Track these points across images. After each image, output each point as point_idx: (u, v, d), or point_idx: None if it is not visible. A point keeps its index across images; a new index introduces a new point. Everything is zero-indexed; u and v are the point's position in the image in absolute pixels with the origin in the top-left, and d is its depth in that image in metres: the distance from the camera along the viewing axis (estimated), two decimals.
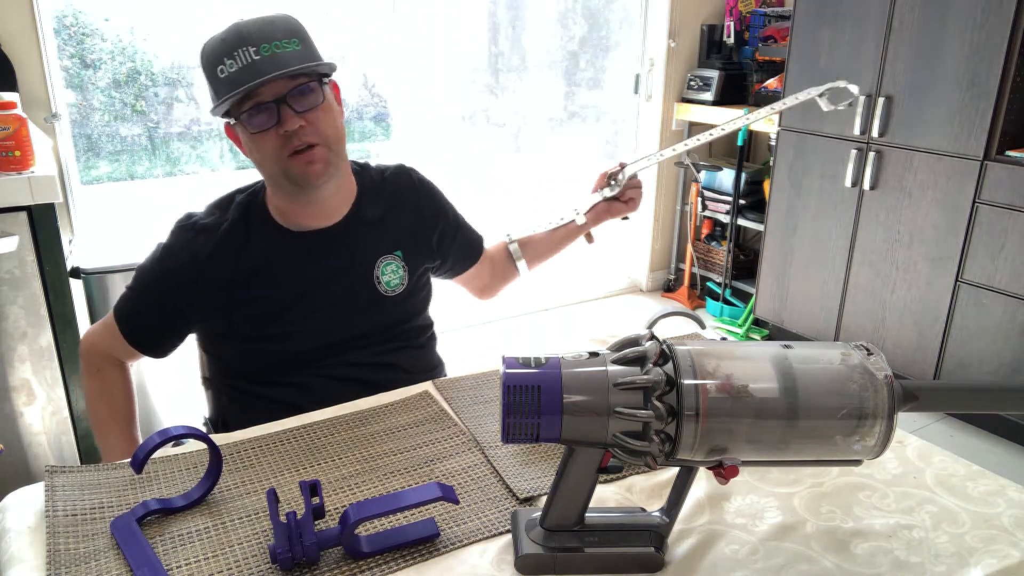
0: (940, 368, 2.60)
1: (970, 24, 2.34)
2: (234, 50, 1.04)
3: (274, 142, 1.08)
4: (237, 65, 1.04)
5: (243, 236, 1.18)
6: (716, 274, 3.72)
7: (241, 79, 1.03)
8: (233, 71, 1.04)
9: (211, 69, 1.07)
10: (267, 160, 1.10)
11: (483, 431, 1.02)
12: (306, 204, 1.17)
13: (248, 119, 1.07)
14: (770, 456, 0.73)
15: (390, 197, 1.27)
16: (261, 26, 1.07)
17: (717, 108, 3.44)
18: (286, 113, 1.06)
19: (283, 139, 1.07)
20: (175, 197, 2.79)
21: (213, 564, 0.77)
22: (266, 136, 1.07)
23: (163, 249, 1.19)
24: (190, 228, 1.18)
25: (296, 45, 1.08)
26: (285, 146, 1.07)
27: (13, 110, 1.59)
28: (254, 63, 1.03)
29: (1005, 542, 0.82)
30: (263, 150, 1.09)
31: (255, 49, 1.04)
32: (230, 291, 1.17)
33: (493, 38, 3.36)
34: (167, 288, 1.18)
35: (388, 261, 1.24)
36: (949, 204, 2.49)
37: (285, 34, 1.07)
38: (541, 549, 0.77)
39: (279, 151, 1.08)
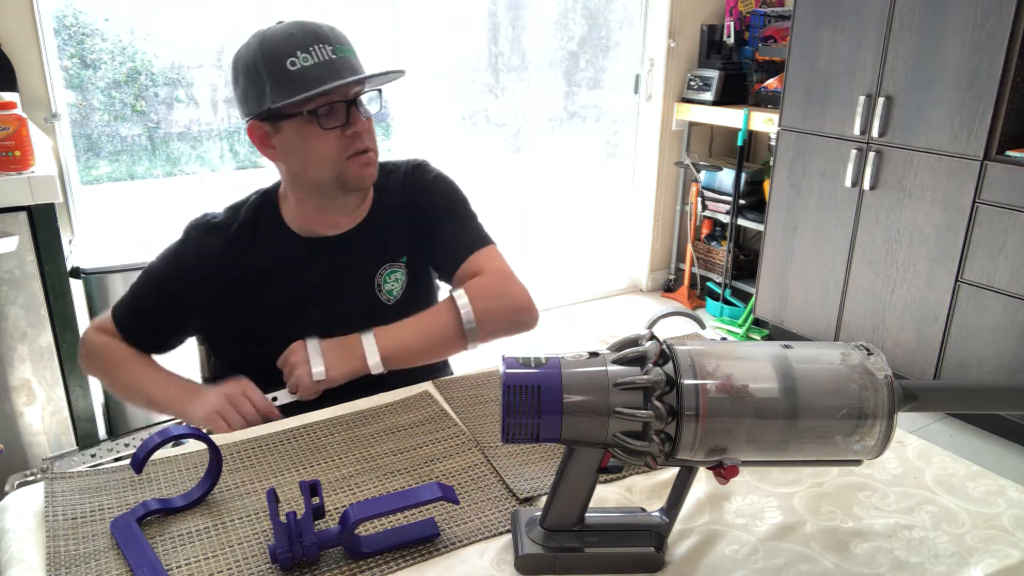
0: (940, 368, 2.60)
1: (970, 24, 2.34)
2: (310, 46, 1.03)
3: (337, 143, 1.07)
4: (313, 60, 1.03)
5: (250, 238, 1.18)
6: (716, 274, 3.72)
7: (322, 74, 1.02)
8: (309, 65, 1.03)
9: (277, 61, 1.03)
10: (322, 160, 1.08)
11: (483, 431, 1.02)
12: (334, 211, 1.17)
13: (321, 116, 1.06)
14: (770, 456, 0.73)
15: (396, 200, 1.25)
16: (330, 29, 1.08)
17: (717, 108, 3.44)
18: (355, 115, 1.07)
19: (346, 140, 1.07)
20: (175, 197, 2.79)
21: (213, 564, 0.77)
22: (330, 136, 1.07)
23: (173, 250, 1.20)
24: (201, 228, 1.19)
25: (355, 54, 1.10)
26: (347, 148, 1.08)
27: (13, 110, 1.59)
28: (332, 61, 1.04)
29: (1005, 542, 0.82)
30: (321, 149, 1.08)
31: (331, 48, 1.05)
32: (232, 292, 1.17)
33: (493, 38, 3.36)
34: (171, 288, 1.18)
35: (392, 269, 1.23)
36: (949, 204, 2.49)
37: (347, 41, 1.09)
38: (541, 549, 0.77)
39: (340, 152, 1.08)
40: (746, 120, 3.29)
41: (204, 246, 1.17)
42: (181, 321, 1.22)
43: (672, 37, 3.54)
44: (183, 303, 1.19)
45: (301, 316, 1.19)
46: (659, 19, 3.54)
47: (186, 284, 1.17)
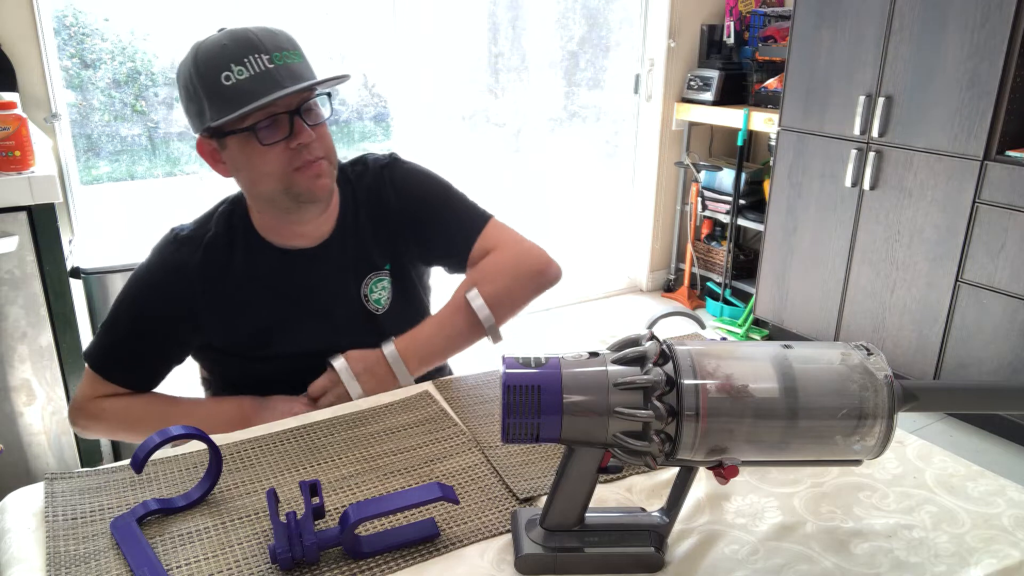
0: (940, 368, 2.60)
1: (970, 24, 2.34)
2: (243, 57, 0.98)
3: (283, 156, 1.02)
4: (248, 72, 0.97)
5: (228, 250, 1.13)
6: (716, 274, 3.72)
7: (256, 87, 0.97)
8: (244, 78, 0.97)
9: (211, 76, 0.98)
10: (269, 175, 1.04)
11: (483, 431, 1.02)
12: (295, 223, 1.12)
13: (260, 131, 1.01)
14: (770, 456, 0.73)
15: (371, 204, 1.20)
16: (268, 34, 1.01)
17: (717, 108, 3.44)
18: (299, 125, 1.02)
19: (292, 153, 1.02)
20: (175, 197, 2.79)
21: (213, 564, 0.77)
22: (275, 149, 1.02)
23: (144, 270, 1.14)
24: (173, 241, 1.13)
25: (300, 57, 1.04)
26: (293, 160, 1.03)
27: (13, 110, 1.59)
28: (268, 72, 0.98)
29: (1005, 542, 0.82)
30: (268, 164, 1.03)
31: (268, 57, 0.99)
32: (216, 306, 1.12)
33: (493, 38, 3.36)
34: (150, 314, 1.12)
35: (378, 278, 1.19)
36: (949, 204, 2.49)
37: (289, 44, 1.03)
38: (541, 549, 0.77)
39: (286, 165, 1.03)
40: (746, 120, 3.29)
41: (179, 261, 1.11)
42: (168, 347, 1.16)
43: (672, 37, 3.54)
44: (166, 328, 1.13)
45: (290, 330, 1.15)
46: (659, 19, 3.54)
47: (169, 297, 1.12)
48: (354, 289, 1.18)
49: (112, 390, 1.15)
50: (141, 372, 1.16)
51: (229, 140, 1.03)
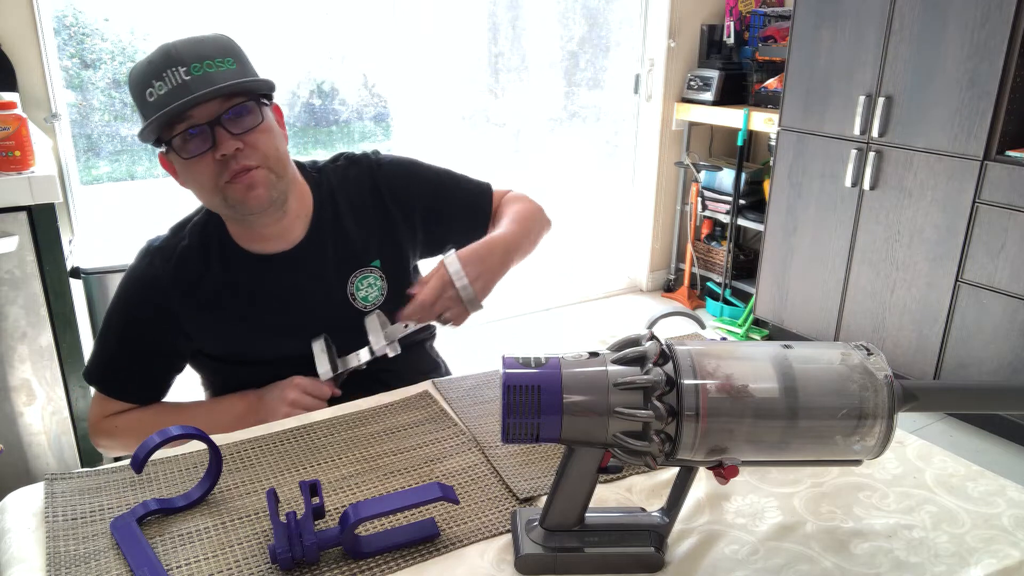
0: (940, 368, 2.60)
1: (970, 24, 2.34)
2: (163, 71, 0.96)
3: (210, 168, 1.00)
4: (167, 87, 0.96)
5: (203, 259, 1.12)
6: (716, 274, 3.72)
7: (171, 101, 0.95)
8: (162, 93, 0.96)
9: (139, 94, 0.99)
10: (204, 189, 1.02)
11: (483, 431, 1.02)
12: (258, 229, 1.11)
13: (181, 144, 0.99)
14: (770, 456, 0.73)
15: (354, 202, 1.19)
16: (191, 45, 0.99)
17: (717, 108, 3.44)
18: (221, 135, 0.98)
19: (220, 165, 0.99)
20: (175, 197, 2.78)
21: (213, 564, 0.77)
22: (201, 162, 0.99)
23: (123, 284, 1.14)
24: (146, 254, 1.13)
25: (231, 64, 1.00)
26: (223, 172, 1.00)
27: (13, 110, 1.59)
28: (184, 83, 0.96)
29: (1005, 542, 0.82)
30: (199, 178, 1.01)
31: (185, 69, 0.96)
32: (197, 315, 1.12)
33: (493, 38, 3.36)
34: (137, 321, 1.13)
35: (364, 275, 1.17)
36: (949, 204, 2.49)
37: (218, 52, 1.00)
38: (541, 549, 0.77)
39: (216, 178, 1.00)
40: (746, 120, 3.29)
41: (152, 276, 1.11)
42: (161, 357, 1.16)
43: (672, 37, 3.54)
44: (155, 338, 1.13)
45: (276, 335, 1.15)
46: (659, 19, 3.54)
47: (148, 321, 1.11)
48: (338, 288, 1.17)
49: (120, 406, 1.16)
50: (141, 384, 1.16)
51: (171, 154, 1.02)
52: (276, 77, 1.09)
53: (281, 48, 2.83)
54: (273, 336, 1.15)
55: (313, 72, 2.99)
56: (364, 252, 1.18)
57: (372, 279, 1.18)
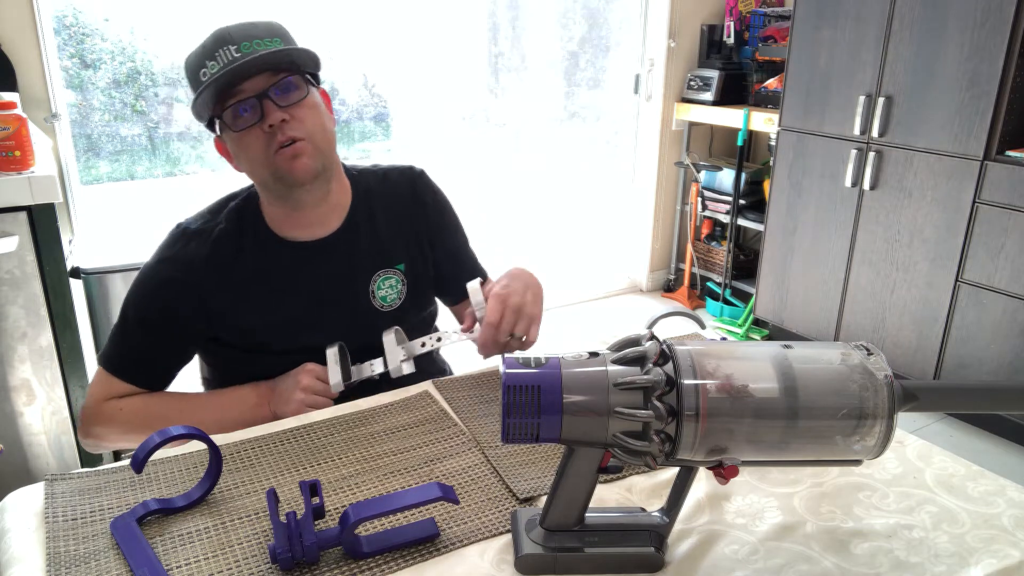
0: (940, 368, 2.60)
1: (970, 24, 2.34)
2: (215, 51, 1.03)
3: (260, 140, 1.05)
4: (219, 65, 1.02)
5: (237, 243, 1.14)
6: (716, 274, 3.72)
7: (222, 77, 1.01)
8: (215, 71, 1.02)
9: (194, 76, 1.05)
10: (254, 161, 1.07)
11: (483, 431, 1.02)
12: (297, 210, 1.14)
13: (232, 118, 1.04)
14: (770, 456, 0.73)
15: (390, 204, 1.23)
16: (243, 28, 1.05)
17: (717, 108, 3.44)
18: (268, 107, 1.03)
19: (268, 136, 1.04)
20: (175, 197, 2.79)
21: (213, 564, 0.77)
22: (251, 134, 1.04)
23: (153, 266, 1.15)
24: (182, 236, 1.15)
25: (278, 43, 1.05)
26: (271, 143, 1.05)
27: (13, 110, 1.59)
28: (234, 60, 1.01)
29: (1005, 542, 0.82)
30: (249, 150, 1.06)
31: (235, 47, 1.02)
32: (226, 299, 1.13)
33: (493, 38, 3.36)
34: (164, 303, 1.13)
35: (387, 275, 1.20)
36: (949, 204, 2.49)
37: (267, 33, 1.05)
38: (541, 549, 0.77)
39: (265, 149, 1.05)
40: (746, 120, 3.29)
41: (188, 256, 1.13)
42: (179, 342, 1.17)
43: (672, 37, 3.54)
44: (178, 323, 1.14)
45: (295, 324, 1.16)
46: (659, 19, 3.54)
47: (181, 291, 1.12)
48: (361, 284, 1.19)
49: (126, 390, 1.15)
50: (155, 370, 1.17)
51: (225, 132, 1.07)
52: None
53: None
54: (291, 325, 1.16)
55: None
56: (392, 253, 1.21)
57: (394, 281, 1.20)
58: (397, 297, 1.22)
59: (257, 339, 1.16)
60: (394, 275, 1.21)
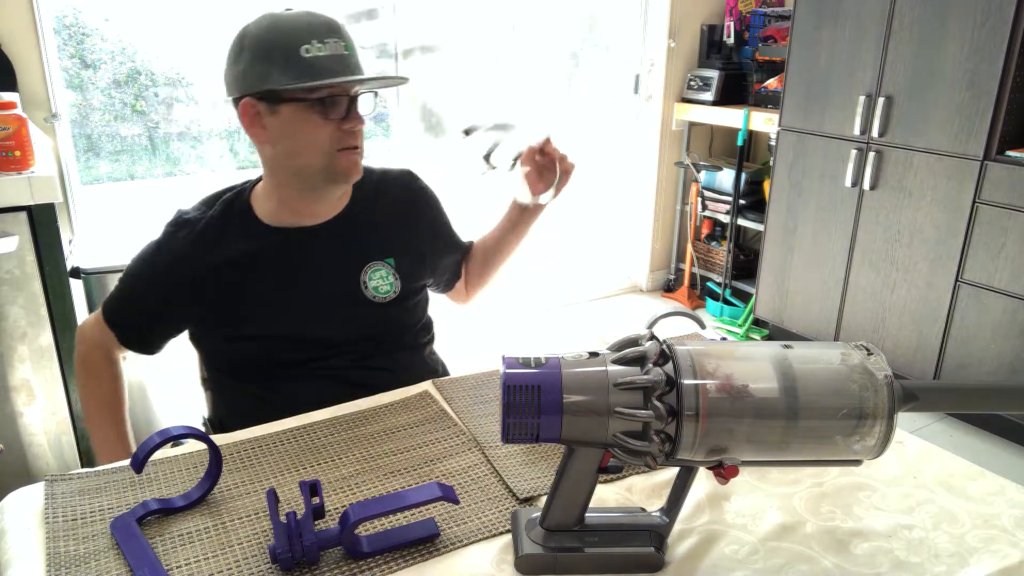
0: (940, 368, 2.60)
1: (970, 24, 2.34)
2: (325, 37, 1.04)
3: (332, 134, 1.08)
4: (327, 51, 1.04)
5: (220, 230, 1.17)
6: (716, 274, 3.72)
7: (336, 68, 1.04)
8: (323, 56, 1.04)
9: (290, 45, 1.04)
10: (314, 148, 1.09)
11: (483, 431, 1.02)
12: (314, 201, 1.18)
13: (321, 104, 1.06)
14: (770, 456, 0.73)
15: (386, 203, 1.26)
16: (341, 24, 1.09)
17: (717, 108, 3.44)
18: (355, 111, 1.09)
19: (341, 134, 1.09)
20: (175, 197, 2.78)
21: (213, 564, 0.77)
22: (328, 126, 1.08)
23: (150, 247, 1.20)
24: (174, 224, 1.19)
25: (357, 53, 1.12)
26: (339, 141, 1.09)
27: (13, 110, 1.59)
28: (343, 56, 1.06)
29: (1005, 542, 0.82)
30: (315, 138, 1.08)
31: (344, 44, 1.07)
32: (206, 285, 1.16)
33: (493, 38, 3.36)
34: (150, 284, 1.19)
35: (377, 267, 1.22)
36: (949, 204, 2.49)
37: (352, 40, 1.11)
38: (541, 549, 0.77)
39: (333, 144, 1.09)
40: (746, 120, 3.29)
41: (174, 243, 1.17)
42: (165, 319, 1.22)
43: (672, 37, 3.54)
44: (163, 297, 1.19)
45: (283, 308, 1.18)
46: (659, 19, 3.53)
47: (162, 281, 1.18)
48: (353, 273, 1.21)
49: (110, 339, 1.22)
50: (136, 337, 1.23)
51: (284, 107, 1.07)
52: None
53: None
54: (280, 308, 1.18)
55: None
56: (383, 247, 1.23)
57: (384, 272, 1.23)
58: (390, 289, 1.23)
59: (243, 326, 1.18)
60: (383, 267, 1.22)
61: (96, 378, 1.25)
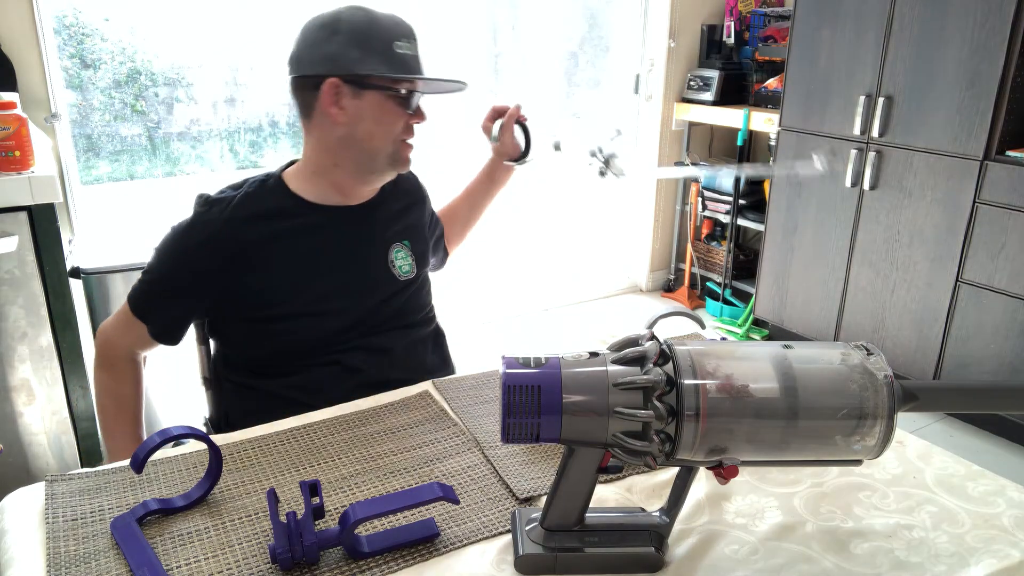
0: (940, 368, 2.60)
1: (970, 24, 2.34)
2: (409, 39, 1.17)
3: (402, 124, 1.19)
4: (411, 52, 1.17)
5: (257, 205, 1.19)
6: (716, 274, 3.72)
7: (418, 68, 1.18)
8: (408, 55, 1.17)
9: (386, 39, 1.14)
10: (386, 135, 1.18)
11: (483, 431, 1.02)
12: (364, 183, 1.25)
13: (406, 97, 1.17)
14: (770, 456, 0.73)
15: (401, 192, 1.34)
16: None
17: (717, 108, 3.44)
18: (422, 109, 1.21)
19: (408, 127, 1.20)
20: (175, 197, 2.79)
21: (213, 564, 0.77)
22: (403, 117, 1.18)
23: (180, 228, 1.20)
24: (204, 203, 1.20)
25: None
26: (404, 133, 1.20)
27: (13, 110, 1.59)
28: (418, 58, 1.20)
29: (1005, 542, 0.82)
30: (393, 125, 1.18)
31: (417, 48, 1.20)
32: (240, 259, 1.17)
33: (493, 38, 3.36)
34: (182, 263, 1.18)
35: (399, 248, 1.29)
36: (949, 204, 2.49)
37: None
38: (541, 549, 0.78)
39: (399, 133, 1.19)
40: (746, 120, 3.29)
41: (208, 220, 1.18)
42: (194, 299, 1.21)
43: (672, 37, 3.54)
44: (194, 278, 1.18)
45: (314, 281, 1.20)
46: (659, 19, 3.54)
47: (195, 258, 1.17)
48: (383, 252, 1.27)
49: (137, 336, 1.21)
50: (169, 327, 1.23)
51: (370, 93, 1.15)
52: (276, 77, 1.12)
53: (281, 48, 2.83)
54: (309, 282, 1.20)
55: None
56: (401, 231, 1.32)
57: (404, 253, 1.30)
58: (410, 269, 1.30)
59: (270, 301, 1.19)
60: (404, 248, 1.31)
61: (117, 380, 1.25)
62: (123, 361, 1.24)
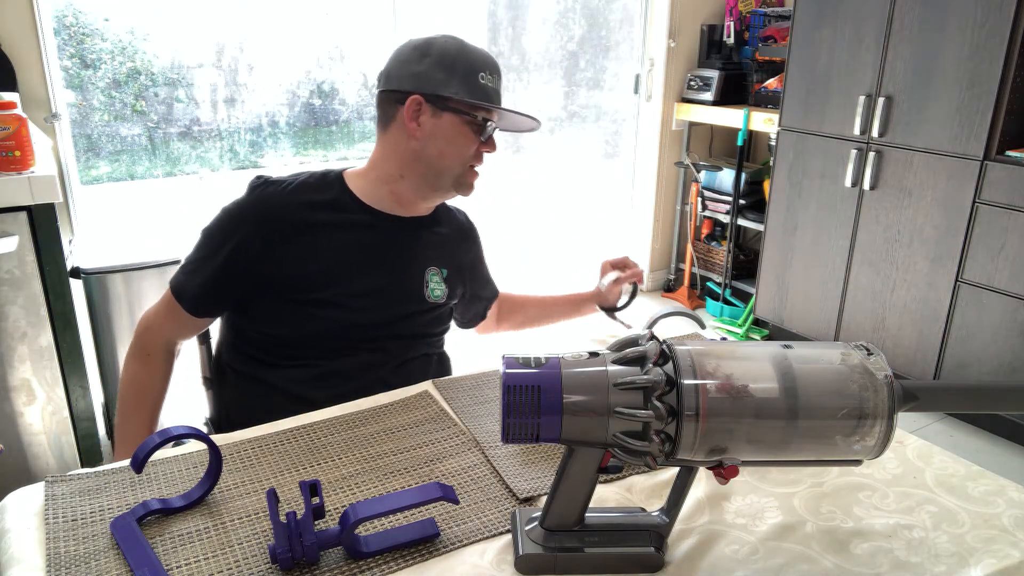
0: (940, 368, 2.60)
1: (970, 24, 2.34)
2: (493, 73, 1.22)
3: (473, 149, 1.23)
4: (492, 85, 1.22)
5: (314, 193, 1.22)
6: (716, 274, 3.72)
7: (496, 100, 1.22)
8: (490, 86, 1.21)
9: (472, 69, 1.19)
10: (458, 157, 1.22)
11: (483, 431, 1.02)
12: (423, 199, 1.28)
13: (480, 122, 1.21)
14: (770, 456, 0.73)
15: (451, 222, 1.39)
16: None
17: (717, 108, 3.44)
18: (493, 139, 1.25)
19: (478, 153, 1.24)
20: (175, 197, 2.79)
21: (213, 564, 0.77)
22: (472, 142, 1.22)
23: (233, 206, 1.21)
24: (261, 183, 1.22)
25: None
26: (474, 159, 1.24)
27: (13, 110, 1.59)
28: (499, 92, 1.25)
29: (1005, 542, 0.82)
30: (465, 148, 1.22)
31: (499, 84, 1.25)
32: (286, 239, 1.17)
33: (493, 38, 3.36)
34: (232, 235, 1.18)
35: (433, 273, 1.31)
36: (949, 204, 2.49)
37: None
38: (541, 549, 0.78)
39: (469, 158, 1.23)
40: (746, 120, 3.29)
41: (265, 196, 1.20)
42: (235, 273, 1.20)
43: (672, 37, 3.54)
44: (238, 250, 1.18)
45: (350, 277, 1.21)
46: (659, 19, 3.54)
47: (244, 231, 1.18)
48: (419, 270, 1.29)
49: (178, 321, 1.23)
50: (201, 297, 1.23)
51: (448, 115, 1.19)
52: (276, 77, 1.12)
53: (281, 48, 2.83)
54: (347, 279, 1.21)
55: (313, 72, 2.99)
56: (440, 258, 1.33)
57: (438, 279, 1.32)
58: (441, 294, 1.31)
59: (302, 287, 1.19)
60: (439, 274, 1.32)
61: (149, 370, 1.26)
62: (159, 351, 1.25)
